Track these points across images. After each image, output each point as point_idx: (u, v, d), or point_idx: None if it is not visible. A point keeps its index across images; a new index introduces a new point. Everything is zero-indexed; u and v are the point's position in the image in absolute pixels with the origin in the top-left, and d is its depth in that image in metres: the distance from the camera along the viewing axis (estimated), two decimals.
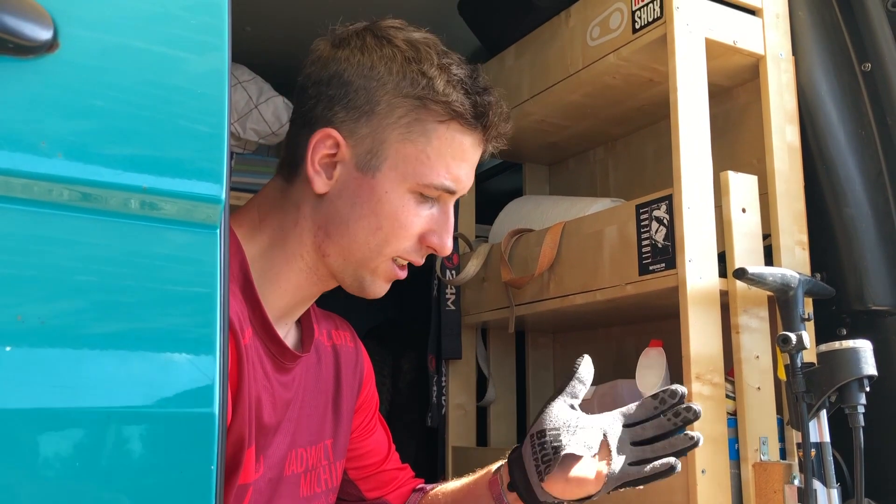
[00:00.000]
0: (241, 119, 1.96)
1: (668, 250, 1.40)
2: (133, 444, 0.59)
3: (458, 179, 1.06)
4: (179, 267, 0.63)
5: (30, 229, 0.57)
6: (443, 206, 1.08)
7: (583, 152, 2.10)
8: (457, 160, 1.05)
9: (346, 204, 1.03)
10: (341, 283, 1.09)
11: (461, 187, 1.07)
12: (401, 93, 1.02)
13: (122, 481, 0.59)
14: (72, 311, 0.59)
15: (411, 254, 1.07)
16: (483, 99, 1.05)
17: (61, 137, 0.59)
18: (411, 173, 1.03)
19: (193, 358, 0.62)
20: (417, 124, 1.02)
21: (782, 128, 1.54)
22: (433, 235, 1.07)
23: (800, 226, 1.52)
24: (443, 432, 1.94)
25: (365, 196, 1.03)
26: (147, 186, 0.61)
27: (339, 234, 1.04)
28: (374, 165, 1.02)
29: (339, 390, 1.20)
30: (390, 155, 1.02)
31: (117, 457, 0.59)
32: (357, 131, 1.03)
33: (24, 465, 0.55)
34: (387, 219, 1.03)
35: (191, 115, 0.66)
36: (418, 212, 1.05)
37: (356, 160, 1.03)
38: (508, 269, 1.75)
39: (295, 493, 1.10)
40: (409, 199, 1.04)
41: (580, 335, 2.03)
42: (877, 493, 1.41)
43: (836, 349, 1.27)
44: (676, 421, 1.04)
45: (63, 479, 0.57)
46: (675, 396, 1.05)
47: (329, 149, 1.03)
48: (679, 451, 1.03)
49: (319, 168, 1.03)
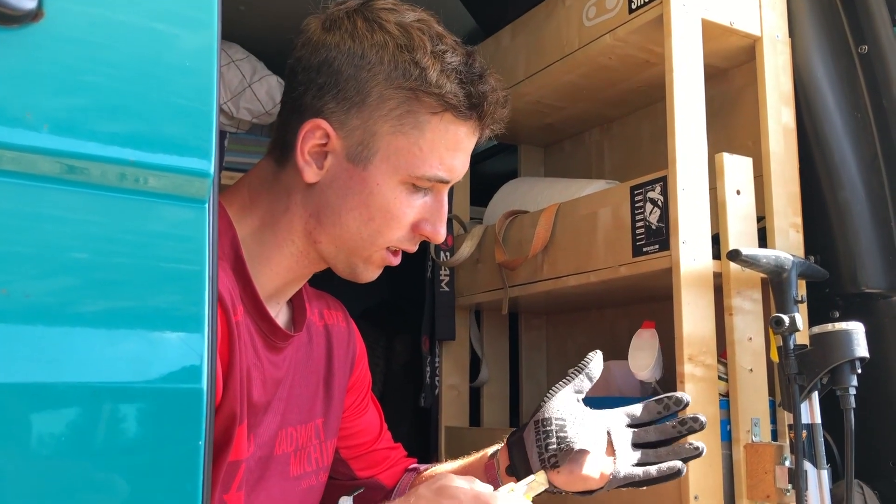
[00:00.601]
0: (234, 98, 1.95)
1: (661, 232, 1.40)
2: (120, 419, 0.59)
3: (452, 169, 1.04)
4: (168, 241, 0.63)
5: (14, 202, 0.56)
6: (436, 195, 1.06)
7: (578, 134, 2.09)
8: (451, 151, 1.03)
9: (338, 194, 1.02)
10: (333, 268, 1.09)
11: (455, 176, 1.06)
12: (392, 84, 0.99)
13: (109, 456, 0.59)
14: (58, 285, 0.58)
15: (404, 242, 1.06)
16: (478, 88, 1.02)
17: (47, 109, 0.58)
18: (403, 165, 1.01)
19: (182, 333, 0.62)
20: (409, 116, 1.00)
21: (778, 110, 1.53)
22: (426, 224, 1.05)
23: (794, 208, 1.52)
24: (436, 412, 1.95)
25: (356, 188, 1.01)
26: (134, 160, 0.60)
27: (331, 224, 1.03)
28: (366, 157, 1.01)
29: (330, 370, 1.20)
30: (382, 147, 1.00)
31: (104, 432, 0.58)
32: (347, 123, 1.00)
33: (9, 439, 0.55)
34: (378, 210, 1.02)
35: (179, 91, 0.65)
36: (411, 202, 1.03)
37: (347, 151, 1.01)
38: (502, 250, 1.75)
39: (285, 472, 1.10)
40: (401, 191, 1.02)
41: (573, 317, 2.03)
42: (866, 474, 1.42)
43: (829, 331, 1.27)
44: (682, 430, 1.05)
45: (49, 454, 0.57)
46: (679, 404, 1.06)
47: (319, 139, 1.01)
48: (682, 459, 1.05)
49: (309, 158, 1.01)
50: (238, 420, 0.96)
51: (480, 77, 1.03)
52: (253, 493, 1.03)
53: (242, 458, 1.00)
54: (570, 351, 2.02)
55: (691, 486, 1.29)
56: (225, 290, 0.95)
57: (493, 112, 1.05)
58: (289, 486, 1.10)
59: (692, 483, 1.29)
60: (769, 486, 1.31)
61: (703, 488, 1.30)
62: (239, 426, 0.97)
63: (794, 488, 1.28)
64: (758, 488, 1.32)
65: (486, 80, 1.04)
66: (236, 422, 0.96)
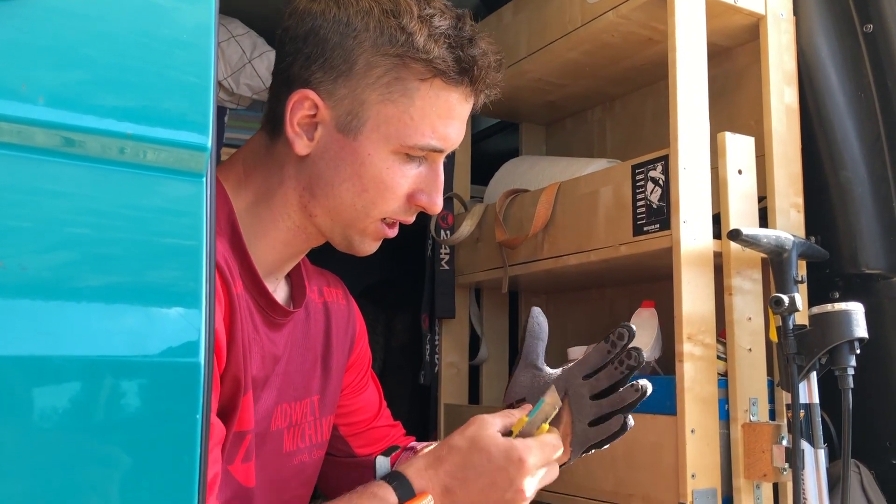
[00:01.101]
0: (234, 74, 1.94)
1: (662, 211, 1.39)
2: (118, 393, 0.59)
3: (446, 138, 1.02)
4: (165, 215, 0.63)
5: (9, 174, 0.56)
6: (431, 165, 1.04)
7: (580, 112, 2.08)
8: (443, 119, 1.01)
9: (330, 166, 1.01)
10: (331, 241, 1.08)
11: (449, 144, 1.04)
12: (379, 51, 0.98)
13: (107, 429, 0.59)
14: (55, 258, 0.58)
15: (399, 214, 1.05)
16: (468, 52, 1.00)
17: (43, 82, 0.57)
18: (394, 135, 0.99)
19: (179, 307, 0.62)
20: (398, 84, 0.98)
21: (781, 89, 1.52)
22: (422, 195, 1.04)
23: (796, 188, 1.52)
24: (435, 390, 1.95)
25: (348, 158, 1.00)
26: (131, 133, 0.60)
27: (324, 196, 1.02)
28: (356, 127, 0.99)
29: (328, 347, 1.20)
30: (371, 116, 0.99)
31: (102, 405, 0.59)
32: (335, 92, 0.99)
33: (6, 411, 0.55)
34: (371, 181, 1.00)
35: (176, 64, 0.65)
36: (404, 172, 1.02)
37: (336, 122, 1.00)
38: (503, 229, 1.75)
39: (278, 448, 1.10)
40: (394, 161, 1.00)
41: (573, 296, 2.03)
42: (863, 453, 1.42)
43: (829, 311, 1.27)
44: (622, 369, 1.00)
45: (47, 427, 0.57)
46: (623, 338, 1.00)
47: (308, 110, 1.00)
48: (630, 403, 1.00)
49: (300, 130, 1.00)
50: (243, 389, 0.96)
51: (470, 41, 1.00)
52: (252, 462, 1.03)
53: (248, 428, 1.00)
54: (569, 330, 2.02)
55: (688, 465, 1.29)
56: (224, 262, 0.95)
57: (485, 76, 1.02)
58: (281, 461, 1.11)
59: (689, 461, 1.29)
60: (766, 465, 1.31)
61: (700, 466, 1.30)
62: (244, 396, 0.97)
63: (790, 467, 1.28)
64: (755, 467, 1.33)
65: (476, 43, 1.01)
66: (241, 391, 0.96)
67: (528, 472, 0.94)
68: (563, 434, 1.02)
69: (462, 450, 0.96)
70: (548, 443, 0.98)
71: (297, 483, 1.15)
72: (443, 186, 1.06)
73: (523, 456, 0.94)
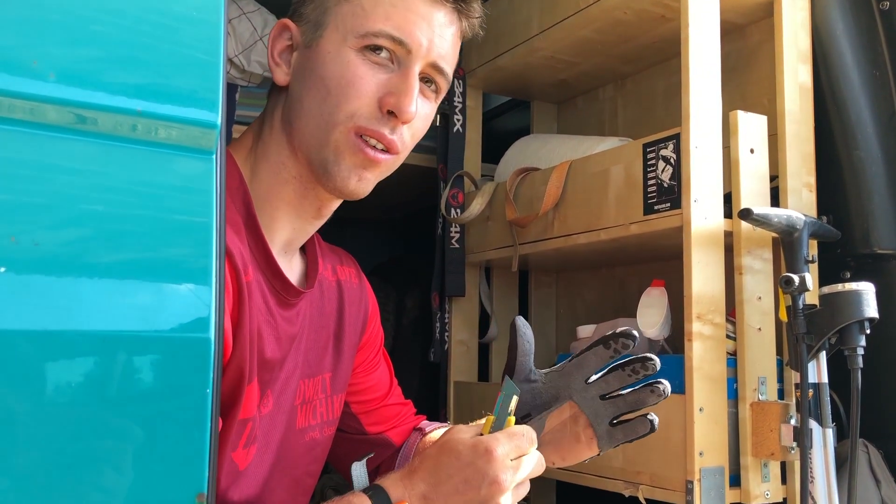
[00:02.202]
0: (245, 51, 1.93)
1: (673, 190, 1.39)
2: (130, 367, 0.60)
3: (402, 27, 0.98)
4: (175, 192, 0.63)
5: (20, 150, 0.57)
6: (403, 70, 1.00)
7: (592, 90, 2.07)
8: (398, 8, 0.98)
9: (300, 84, 1.01)
10: (316, 178, 1.03)
11: (410, 38, 0.99)
12: None
13: (118, 403, 0.60)
14: (66, 233, 0.59)
15: (371, 121, 0.99)
16: None
17: (53, 58, 0.58)
18: (350, 29, 0.98)
19: (190, 283, 0.62)
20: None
21: (795, 67, 1.51)
22: (390, 97, 0.98)
23: (808, 168, 1.51)
24: (445, 367, 1.96)
25: (311, 66, 1.00)
26: (141, 110, 0.60)
27: (297, 118, 1.01)
28: (319, 35, 1.00)
29: (341, 325, 1.20)
30: (330, 20, 1.00)
31: (114, 379, 0.59)
32: (305, 14, 1.02)
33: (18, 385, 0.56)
34: (333, 80, 0.98)
35: (186, 41, 0.65)
36: (367, 71, 0.98)
37: (304, 39, 1.02)
38: (513, 207, 1.75)
39: (291, 424, 1.11)
40: (355, 58, 0.98)
41: (583, 275, 2.03)
42: (872, 434, 1.42)
43: (839, 291, 1.27)
44: (636, 377, 1.00)
45: (59, 400, 0.58)
46: (627, 347, 1.00)
47: (286, 39, 1.02)
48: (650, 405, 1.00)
49: (280, 60, 1.03)
50: (247, 380, 0.97)
51: None
52: (259, 443, 1.05)
53: (250, 416, 1.01)
54: (579, 309, 2.03)
55: (696, 443, 1.30)
56: (236, 250, 0.95)
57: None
58: (293, 437, 1.12)
59: (697, 439, 1.30)
60: (774, 444, 1.32)
61: (708, 444, 1.31)
62: (248, 385, 0.98)
63: (798, 446, 1.29)
64: (763, 446, 1.33)
65: None
66: (244, 381, 0.97)
67: (498, 461, 0.91)
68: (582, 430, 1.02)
69: (432, 455, 0.95)
70: (515, 432, 0.95)
71: (308, 459, 1.17)
72: (414, 92, 0.99)
73: (490, 446, 0.92)
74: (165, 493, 0.61)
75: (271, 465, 1.07)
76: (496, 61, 1.91)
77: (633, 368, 1.00)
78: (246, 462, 1.02)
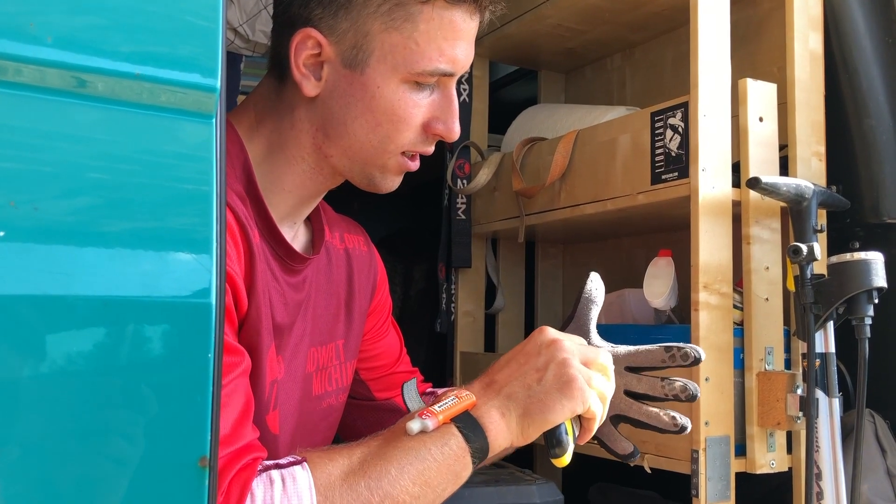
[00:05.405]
0: (250, 21, 1.92)
1: (681, 159, 1.38)
2: (131, 332, 0.60)
3: (454, 60, 0.99)
4: (175, 158, 0.63)
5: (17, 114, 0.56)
6: (443, 90, 1.02)
7: (600, 59, 2.05)
8: (449, 41, 0.98)
9: (340, 104, 0.99)
10: (351, 180, 1.07)
11: (459, 67, 1.01)
12: None
13: (120, 368, 0.60)
14: (66, 197, 0.59)
15: (417, 145, 1.03)
16: None
17: (51, 21, 0.57)
18: (402, 63, 0.97)
19: (191, 249, 0.62)
20: (399, 9, 0.96)
21: (805, 35, 1.48)
22: (438, 123, 1.02)
23: (818, 136, 1.49)
24: (451, 338, 1.97)
25: (357, 94, 0.98)
26: (139, 73, 0.60)
27: (339, 136, 1.01)
28: (362, 60, 0.97)
29: (351, 292, 1.21)
30: (376, 47, 0.97)
31: (116, 344, 0.59)
32: (337, 27, 0.97)
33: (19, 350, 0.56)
34: (384, 114, 0.98)
35: (185, 5, 0.64)
36: (417, 101, 0.99)
37: (342, 57, 0.98)
38: (520, 178, 1.74)
39: (308, 390, 1.12)
40: (405, 90, 0.98)
41: (590, 245, 2.02)
42: (878, 403, 1.42)
43: (847, 261, 1.26)
44: (668, 394, 0.98)
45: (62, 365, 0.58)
46: (687, 359, 0.97)
47: (312, 49, 0.98)
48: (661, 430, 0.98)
49: (306, 71, 0.99)
50: (266, 339, 0.97)
51: None
52: (280, 409, 1.05)
53: (274, 378, 1.01)
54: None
55: (702, 412, 1.30)
56: (242, 213, 0.95)
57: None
58: (311, 404, 1.13)
59: (703, 409, 1.30)
60: (780, 414, 1.32)
61: (714, 414, 1.31)
62: (269, 348, 0.98)
63: (804, 416, 1.28)
64: (769, 415, 1.33)
65: None
66: (263, 342, 0.96)
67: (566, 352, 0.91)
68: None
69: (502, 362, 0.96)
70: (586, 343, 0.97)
71: (325, 426, 1.18)
72: (458, 111, 1.03)
73: (555, 337, 0.93)
74: (168, 456, 0.61)
75: (292, 432, 1.07)
76: (503, 29, 1.89)
77: (671, 387, 0.98)
78: (276, 428, 1.03)
